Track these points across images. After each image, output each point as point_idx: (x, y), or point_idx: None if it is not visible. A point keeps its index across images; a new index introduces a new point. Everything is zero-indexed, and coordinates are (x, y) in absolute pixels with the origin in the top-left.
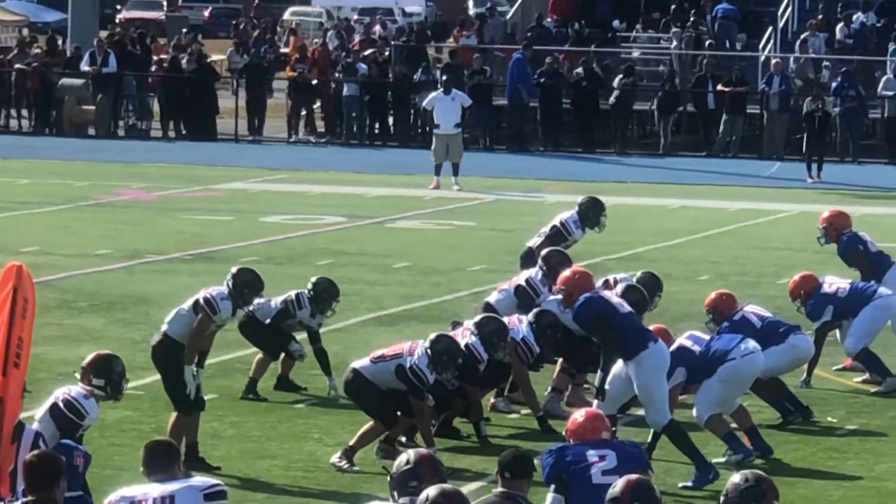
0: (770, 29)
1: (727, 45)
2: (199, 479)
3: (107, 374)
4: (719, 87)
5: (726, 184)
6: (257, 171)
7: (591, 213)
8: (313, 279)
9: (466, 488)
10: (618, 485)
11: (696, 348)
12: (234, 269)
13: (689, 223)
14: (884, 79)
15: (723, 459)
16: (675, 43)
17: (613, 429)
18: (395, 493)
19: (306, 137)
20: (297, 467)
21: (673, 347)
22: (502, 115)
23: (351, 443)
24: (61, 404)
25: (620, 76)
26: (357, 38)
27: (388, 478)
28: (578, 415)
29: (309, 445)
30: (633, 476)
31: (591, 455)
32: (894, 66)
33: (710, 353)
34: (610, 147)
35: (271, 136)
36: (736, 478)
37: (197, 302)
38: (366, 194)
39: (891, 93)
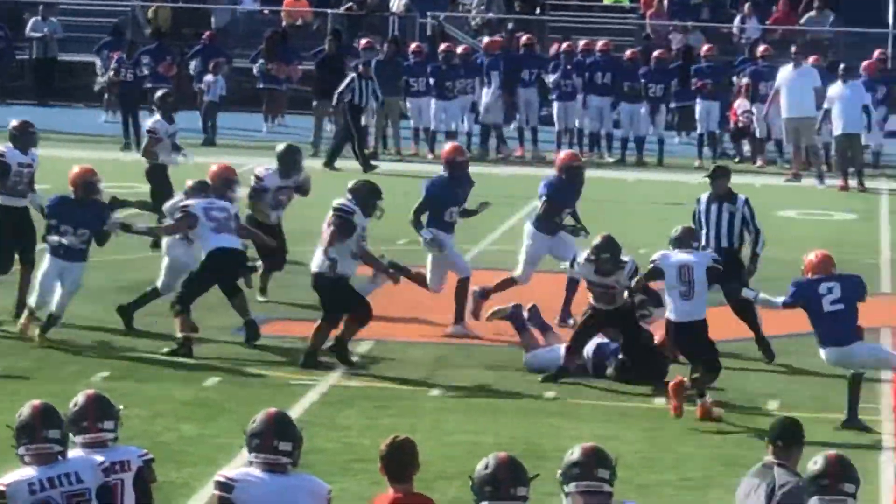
0: None
1: None
2: None
3: None
4: None
5: None
6: None
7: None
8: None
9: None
10: (575, 451)
11: None
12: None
13: None
14: (31, 20)
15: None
16: None
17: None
18: (72, 434)
19: None
20: None
21: None
22: None
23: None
24: None
25: None
26: None
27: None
28: (813, 255)
29: None
30: (590, 444)
31: (822, 288)
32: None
33: None
34: None
35: None
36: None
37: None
38: None
39: (38, 34)
